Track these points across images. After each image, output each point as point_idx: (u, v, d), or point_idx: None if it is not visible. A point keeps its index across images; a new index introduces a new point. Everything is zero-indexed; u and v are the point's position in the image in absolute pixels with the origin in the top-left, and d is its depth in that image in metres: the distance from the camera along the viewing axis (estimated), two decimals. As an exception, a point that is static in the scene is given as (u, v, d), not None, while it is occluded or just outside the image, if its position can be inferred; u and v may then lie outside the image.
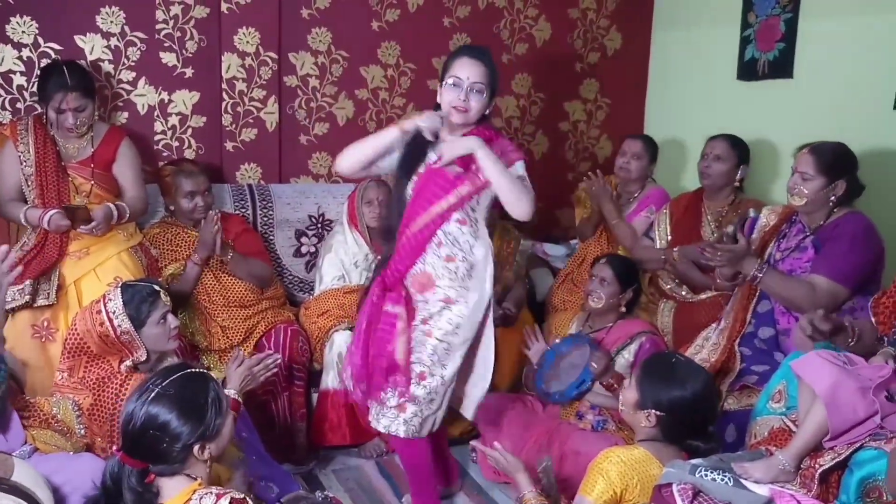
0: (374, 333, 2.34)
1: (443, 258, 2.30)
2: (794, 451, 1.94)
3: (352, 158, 2.37)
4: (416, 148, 2.35)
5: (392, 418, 2.35)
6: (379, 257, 2.52)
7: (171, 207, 3.06)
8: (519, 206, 2.26)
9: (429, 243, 2.30)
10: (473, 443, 2.49)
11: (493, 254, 2.39)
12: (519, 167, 2.33)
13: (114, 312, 2.22)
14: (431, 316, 2.32)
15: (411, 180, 2.35)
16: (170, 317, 2.32)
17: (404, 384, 2.30)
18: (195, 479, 1.72)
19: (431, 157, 2.34)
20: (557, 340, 2.83)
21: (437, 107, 2.36)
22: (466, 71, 2.27)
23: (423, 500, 2.53)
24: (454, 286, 2.31)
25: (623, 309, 2.82)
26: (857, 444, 1.89)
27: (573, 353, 2.73)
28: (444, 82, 2.31)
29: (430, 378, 2.32)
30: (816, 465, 1.90)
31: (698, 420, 2.04)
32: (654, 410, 2.01)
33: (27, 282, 2.68)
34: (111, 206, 2.79)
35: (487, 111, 2.35)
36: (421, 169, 2.35)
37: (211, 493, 1.65)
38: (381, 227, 2.40)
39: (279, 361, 2.43)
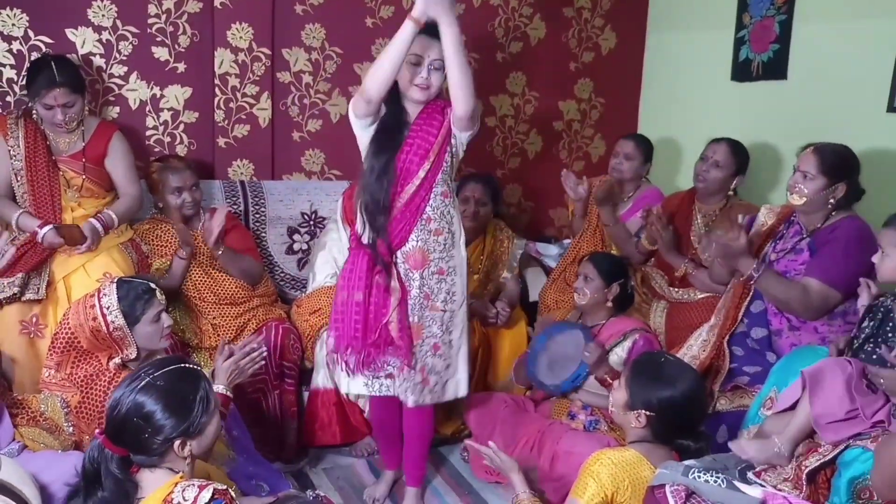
0: (367, 307, 2.37)
1: (432, 232, 2.38)
2: (788, 434, 1.98)
3: (382, 74, 2.23)
4: (394, 123, 2.35)
5: (419, 392, 2.44)
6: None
7: (160, 205, 3.04)
8: (463, 93, 2.21)
9: (421, 212, 2.35)
10: (467, 442, 2.50)
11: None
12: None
13: (108, 308, 2.20)
14: (432, 290, 2.40)
15: (396, 155, 2.33)
16: (164, 316, 2.30)
17: (405, 354, 2.37)
18: (177, 472, 1.71)
19: (406, 131, 2.34)
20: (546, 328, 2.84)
21: (394, 86, 2.33)
22: (425, 49, 2.28)
23: (418, 464, 2.65)
24: (443, 257, 2.40)
25: (609, 304, 2.82)
26: (843, 445, 1.90)
27: (567, 341, 2.73)
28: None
29: (443, 346, 2.43)
30: (803, 466, 1.91)
31: (688, 420, 2.04)
32: (643, 411, 2.01)
33: (19, 274, 2.66)
34: (95, 223, 2.77)
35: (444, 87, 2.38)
36: (401, 141, 2.34)
37: (193, 485, 1.64)
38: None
39: (265, 353, 2.41)
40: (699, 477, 1.87)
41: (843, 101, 3.10)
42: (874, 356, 2.12)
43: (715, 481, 1.87)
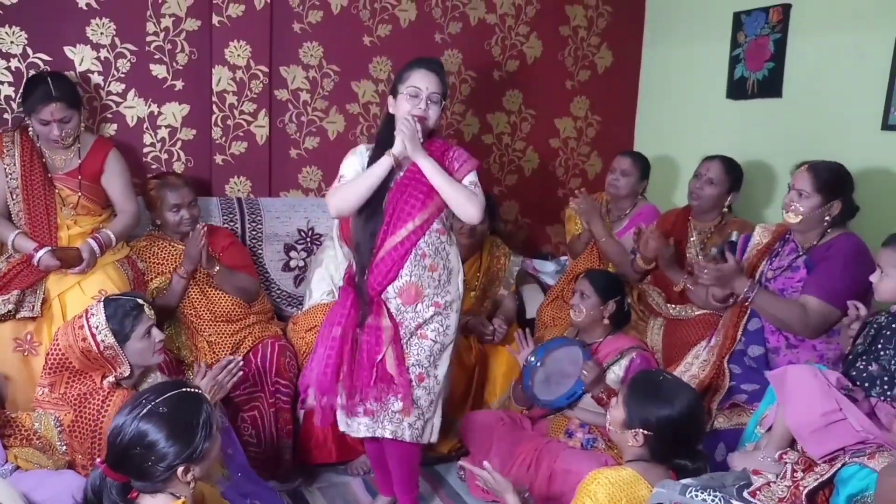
0: (354, 347, 2.38)
1: (427, 268, 2.37)
2: (771, 444, 2.04)
3: (350, 199, 2.36)
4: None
5: (397, 423, 2.41)
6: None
7: (158, 222, 3.03)
8: (465, 209, 2.34)
9: (409, 256, 2.35)
10: (462, 462, 2.48)
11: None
12: (472, 175, 2.42)
13: (96, 327, 2.19)
14: (425, 321, 2.39)
15: (384, 197, 2.37)
16: (154, 331, 2.29)
17: (405, 389, 2.36)
18: (178, 497, 1.68)
19: (399, 173, 2.38)
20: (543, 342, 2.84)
21: (388, 117, 2.42)
22: (424, 82, 2.34)
23: (408, 489, 2.60)
24: (439, 292, 2.40)
25: (606, 321, 2.81)
26: (840, 463, 1.89)
27: (564, 357, 2.72)
28: (399, 93, 2.37)
29: (427, 379, 2.42)
30: (801, 487, 1.90)
31: (685, 439, 2.02)
32: (641, 430, 1.99)
33: (14, 291, 2.65)
34: (93, 244, 2.76)
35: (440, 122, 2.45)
36: (391, 184, 2.37)
37: None
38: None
39: (241, 364, 2.41)
40: (696, 496, 1.86)
41: (837, 119, 3.12)
42: (864, 374, 2.12)
43: (712, 500, 1.86)
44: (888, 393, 2.08)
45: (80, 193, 2.85)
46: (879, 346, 2.13)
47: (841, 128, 3.09)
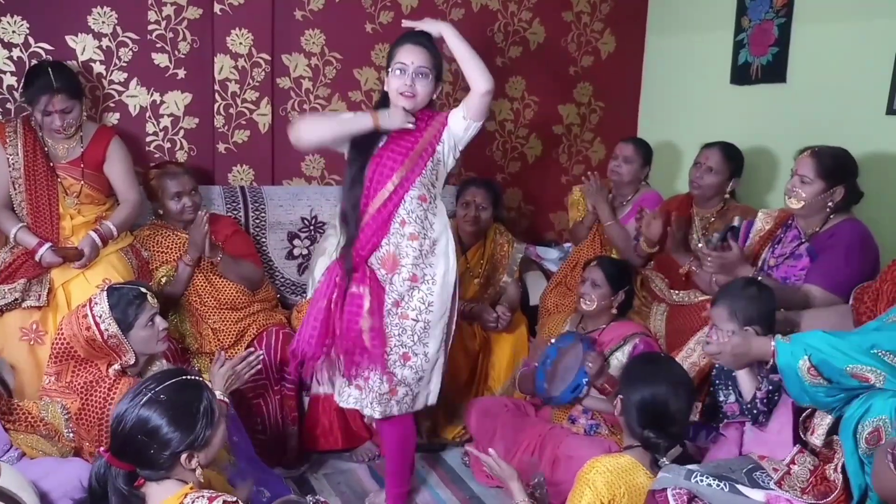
0: (340, 314, 2.36)
1: (406, 236, 2.32)
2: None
3: (318, 132, 2.34)
4: (372, 132, 2.35)
5: (385, 403, 2.39)
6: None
7: (160, 211, 3.04)
8: (482, 77, 2.29)
9: (392, 220, 2.32)
10: (467, 447, 2.48)
11: (452, 230, 2.43)
12: (452, 117, 2.36)
13: (100, 316, 2.20)
14: (402, 297, 2.34)
15: (368, 163, 2.35)
16: (158, 319, 2.30)
17: (379, 361, 2.32)
18: (186, 484, 1.70)
19: (383, 139, 2.35)
20: (553, 341, 2.82)
21: (384, 95, 2.38)
22: (410, 56, 2.29)
23: (398, 481, 2.58)
24: (418, 263, 2.33)
25: (615, 311, 2.82)
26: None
27: (569, 353, 2.72)
28: (389, 70, 2.33)
29: (414, 357, 2.37)
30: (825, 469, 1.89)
31: (658, 417, 2.01)
32: (620, 397, 2.06)
33: (20, 280, 2.66)
34: (95, 238, 2.77)
35: (435, 96, 2.38)
36: (373, 151, 2.35)
37: (203, 496, 1.63)
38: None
39: (262, 358, 2.41)
40: (701, 481, 1.86)
41: (842, 104, 3.10)
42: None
43: (717, 485, 1.86)
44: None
45: (82, 182, 2.85)
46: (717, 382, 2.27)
47: (846, 113, 3.07)
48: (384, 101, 2.38)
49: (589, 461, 1.97)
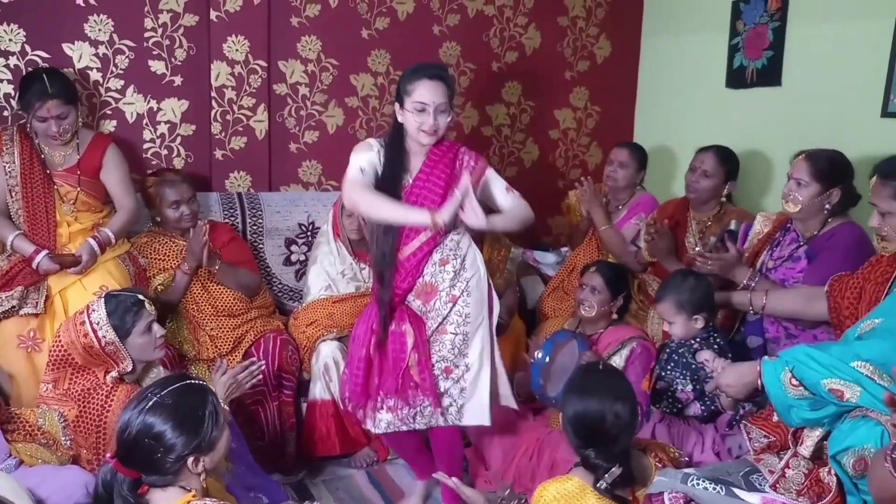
0: (384, 358, 2.40)
1: (438, 264, 2.37)
2: None
3: (377, 214, 2.31)
4: (393, 173, 2.36)
5: (429, 416, 2.42)
6: (365, 268, 2.51)
7: (158, 218, 3.04)
8: (524, 223, 2.47)
9: (426, 261, 2.36)
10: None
11: (486, 260, 2.49)
12: (499, 179, 2.46)
13: (97, 323, 2.20)
14: (444, 318, 2.38)
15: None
16: (155, 326, 2.30)
17: (431, 391, 2.36)
18: (189, 490, 1.70)
19: (407, 179, 2.37)
20: (548, 338, 2.82)
21: (396, 125, 2.37)
22: (430, 95, 2.28)
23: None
24: (455, 284, 2.38)
25: (615, 316, 2.82)
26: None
27: (565, 350, 2.71)
28: (405, 106, 2.31)
29: (456, 370, 2.39)
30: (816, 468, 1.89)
31: (596, 432, 1.83)
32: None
33: (17, 288, 2.66)
34: (94, 244, 2.77)
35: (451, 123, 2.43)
36: (400, 192, 2.36)
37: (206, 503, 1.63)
38: (374, 257, 2.43)
39: (263, 368, 2.42)
40: (698, 484, 1.87)
41: (837, 107, 3.11)
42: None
43: (714, 489, 1.87)
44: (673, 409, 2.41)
45: (79, 189, 2.86)
46: (669, 368, 2.30)
47: (841, 116, 3.08)
48: (398, 132, 2.38)
49: (539, 487, 1.88)
